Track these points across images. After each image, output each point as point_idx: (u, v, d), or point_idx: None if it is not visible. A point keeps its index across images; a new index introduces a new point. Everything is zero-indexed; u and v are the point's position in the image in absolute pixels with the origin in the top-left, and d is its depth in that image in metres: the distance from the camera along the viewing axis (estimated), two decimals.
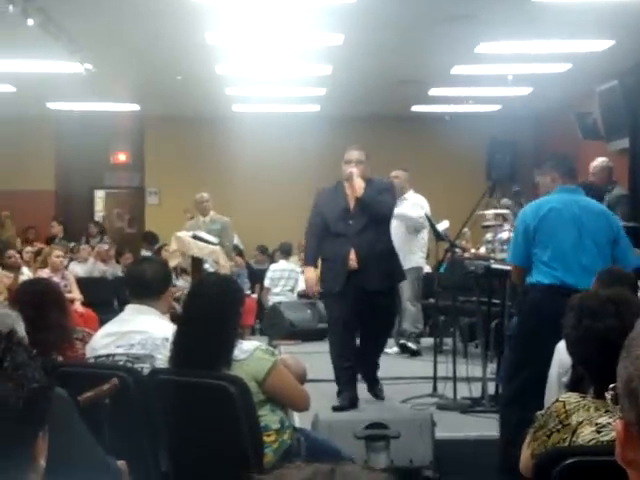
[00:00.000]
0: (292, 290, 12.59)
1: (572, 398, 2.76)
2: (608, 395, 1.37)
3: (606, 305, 2.87)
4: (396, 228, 8.54)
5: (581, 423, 2.68)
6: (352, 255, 6.77)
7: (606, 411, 2.67)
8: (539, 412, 2.86)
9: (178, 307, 7.06)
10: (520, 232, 5.61)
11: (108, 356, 4.19)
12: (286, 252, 13.15)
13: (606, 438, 2.60)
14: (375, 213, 6.83)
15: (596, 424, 2.66)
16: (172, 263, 10.10)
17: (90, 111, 14.42)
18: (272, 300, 12.33)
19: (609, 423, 2.63)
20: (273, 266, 12.87)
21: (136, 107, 14.39)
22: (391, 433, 5.45)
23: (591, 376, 2.82)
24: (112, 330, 4.31)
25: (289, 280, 12.64)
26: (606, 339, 2.69)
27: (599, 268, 5.20)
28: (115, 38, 9.66)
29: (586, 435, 2.65)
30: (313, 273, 7.28)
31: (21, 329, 3.06)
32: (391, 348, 9.74)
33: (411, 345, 9.62)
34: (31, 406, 1.64)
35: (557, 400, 2.80)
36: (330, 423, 5.61)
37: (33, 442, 1.69)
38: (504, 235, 8.13)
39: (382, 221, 6.94)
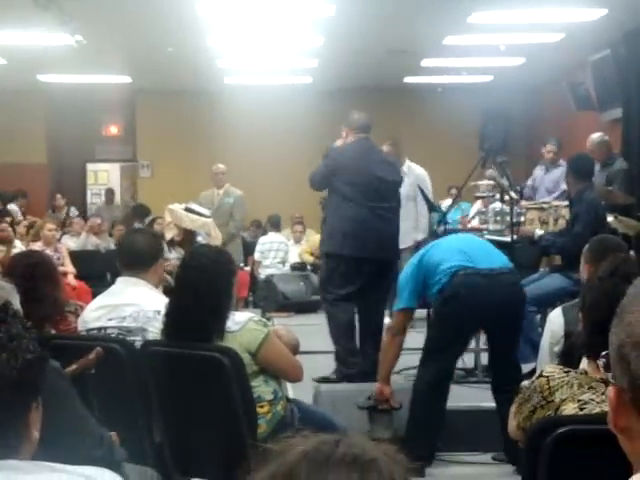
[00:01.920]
0: (283, 262, 12.59)
1: (556, 374, 2.76)
2: (601, 362, 1.38)
3: None
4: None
5: (564, 400, 2.69)
6: None
7: (589, 387, 2.68)
8: (524, 383, 2.87)
9: (171, 280, 7.06)
10: (416, 272, 5.48)
11: (100, 329, 4.19)
12: (275, 224, 13.14)
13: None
14: None
15: (579, 401, 2.66)
16: (168, 235, 10.11)
17: (81, 83, 14.34)
18: (263, 273, 12.33)
19: (592, 399, 2.64)
20: (262, 239, 12.86)
21: (127, 79, 14.32)
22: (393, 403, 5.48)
23: (595, 345, 2.74)
24: (104, 303, 4.30)
25: (279, 252, 12.64)
26: None
27: (493, 250, 5.34)
28: (106, 9, 9.59)
29: (569, 412, 2.66)
30: None
31: (16, 302, 3.06)
32: (385, 319, 9.75)
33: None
34: (25, 377, 1.65)
35: (541, 375, 2.79)
36: (332, 394, 5.63)
37: (27, 412, 1.70)
38: (497, 205, 8.14)
39: None
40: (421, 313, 9.24)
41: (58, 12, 8.85)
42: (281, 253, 12.63)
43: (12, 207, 13.63)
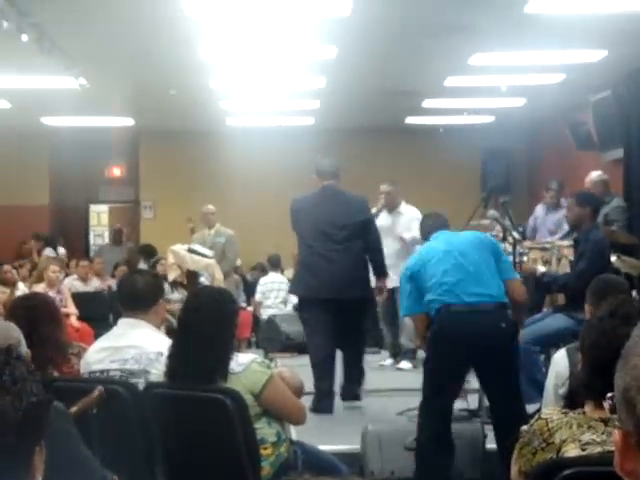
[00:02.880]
0: (284, 302, 12.56)
1: (554, 415, 2.75)
2: (606, 405, 1.37)
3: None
4: (390, 245, 8.58)
5: (565, 441, 2.67)
6: None
7: (589, 427, 2.66)
8: (524, 427, 2.85)
9: (174, 320, 7.05)
10: (405, 282, 5.63)
11: (102, 371, 4.18)
12: (275, 264, 13.12)
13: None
14: None
15: (579, 441, 2.64)
16: (171, 276, 10.13)
17: (85, 126, 14.43)
18: (265, 313, 12.29)
19: (593, 440, 2.62)
20: (263, 279, 12.81)
21: (130, 121, 14.40)
22: None
23: (594, 385, 2.75)
24: (106, 345, 4.29)
25: (280, 292, 12.61)
26: None
27: (485, 273, 5.29)
28: (109, 53, 9.67)
29: (571, 453, 2.64)
30: None
31: (24, 343, 3.07)
32: (385, 360, 9.72)
33: (406, 362, 9.45)
34: (29, 420, 1.64)
35: (539, 417, 2.78)
36: (379, 434, 5.62)
37: (31, 456, 1.69)
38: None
39: None
40: (424, 353, 9.18)
41: (62, 56, 8.93)
42: (282, 293, 12.60)
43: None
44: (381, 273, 7.68)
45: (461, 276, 5.37)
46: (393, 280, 8.37)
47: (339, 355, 7.49)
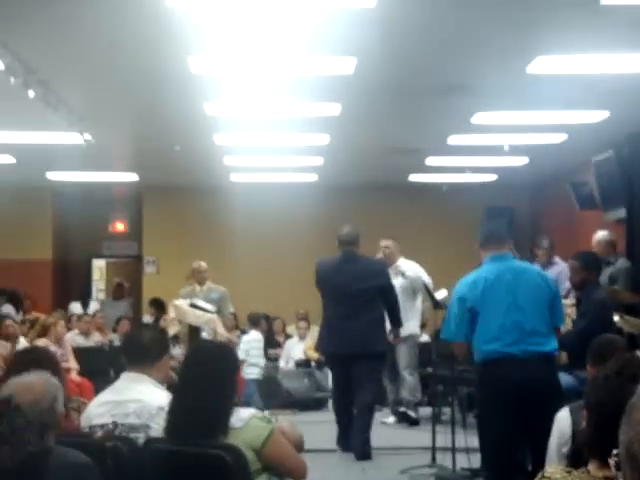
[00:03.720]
0: (260, 357, 12.42)
1: (558, 474, 2.72)
2: (612, 461, 1.36)
3: None
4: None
5: None
6: None
7: None
8: None
9: (174, 376, 7.01)
10: (456, 306, 5.64)
11: (103, 426, 4.15)
12: (255, 322, 12.99)
13: None
14: None
15: None
16: (171, 331, 10.10)
17: (89, 181, 14.50)
18: (249, 371, 12.01)
19: None
20: (245, 337, 12.58)
21: (135, 177, 14.48)
22: None
23: (599, 443, 2.72)
24: (107, 399, 4.27)
25: (259, 350, 12.48)
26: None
27: (539, 328, 5.29)
28: (114, 109, 9.75)
29: None
30: None
31: (61, 400, 3.09)
32: (387, 418, 9.68)
33: (411, 413, 9.54)
34: (27, 469, 1.63)
35: (543, 476, 2.75)
36: None
37: None
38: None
39: None
40: (427, 411, 9.17)
41: (67, 112, 9.01)
42: (260, 351, 12.48)
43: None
44: (397, 325, 8.62)
45: (517, 336, 5.42)
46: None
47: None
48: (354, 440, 7.96)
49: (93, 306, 15.54)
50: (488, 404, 5.55)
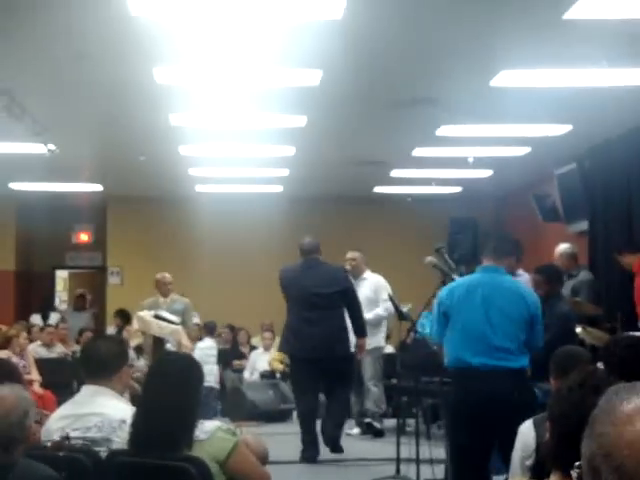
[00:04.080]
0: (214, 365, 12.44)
1: None
2: (574, 473, 1.37)
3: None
4: None
5: None
6: None
7: None
8: None
9: (138, 387, 6.98)
10: (435, 309, 5.75)
11: (63, 439, 4.10)
12: (211, 330, 13.07)
13: None
14: None
15: None
16: (133, 342, 10.05)
17: (53, 191, 14.40)
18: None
19: None
20: (200, 344, 12.52)
21: (99, 187, 14.39)
22: None
23: (562, 456, 2.73)
24: (68, 412, 4.22)
25: (213, 357, 12.50)
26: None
27: (509, 347, 5.32)
28: (79, 119, 9.70)
29: None
30: None
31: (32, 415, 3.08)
32: (352, 429, 9.68)
33: (376, 424, 9.56)
34: None
35: None
36: None
37: None
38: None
39: None
40: (391, 422, 9.19)
41: (31, 122, 8.94)
42: (214, 358, 12.52)
43: None
44: (361, 334, 8.62)
45: (482, 348, 5.43)
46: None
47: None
48: (326, 431, 8.33)
49: (54, 317, 15.42)
50: (454, 413, 5.57)
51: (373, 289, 9.54)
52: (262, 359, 12.96)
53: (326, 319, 8.28)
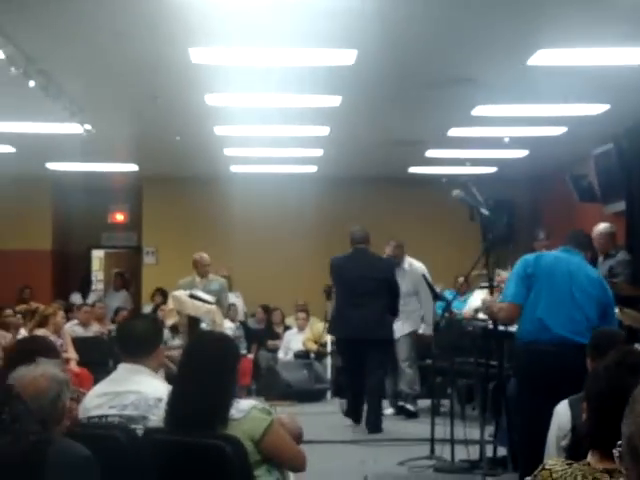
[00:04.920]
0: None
1: (558, 466, 2.71)
2: (616, 452, 1.36)
3: None
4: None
5: None
6: None
7: (593, 478, 2.63)
8: (527, 477, 2.82)
9: (173, 367, 7.02)
10: (517, 273, 5.79)
11: (101, 417, 4.14)
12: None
13: None
14: None
15: None
16: (169, 322, 10.10)
17: (89, 171, 14.49)
18: None
19: None
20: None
21: (134, 167, 14.47)
22: None
23: (599, 435, 2.71)
24: (105, 390, 4.26)
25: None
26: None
27: (585, 324, 5.34)
28: (115, 99, 9.74)
29: None
30: None
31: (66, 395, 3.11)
32: (387, 409, 9.69)
33: (409, 407, 9.57)
34: (29, 459, 1.63)
35: (543, 468, 2.75)
36: None
37: None
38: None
39: None
40: (426, 402, 9.19)
41: (68, 102, 8.99)
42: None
43: None
44: (393, 314, 9.17)
45: (564, 319, 5.57)
46: (394, 331, 9.16)
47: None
48: (368, 417, 8.77)
49: (93, 296, 15.57)
50: (524, 383, 5.68)
51: (413, 282, 9.66)
52: (296, 339, 12.99)
53: (371, 304, 8.78)
